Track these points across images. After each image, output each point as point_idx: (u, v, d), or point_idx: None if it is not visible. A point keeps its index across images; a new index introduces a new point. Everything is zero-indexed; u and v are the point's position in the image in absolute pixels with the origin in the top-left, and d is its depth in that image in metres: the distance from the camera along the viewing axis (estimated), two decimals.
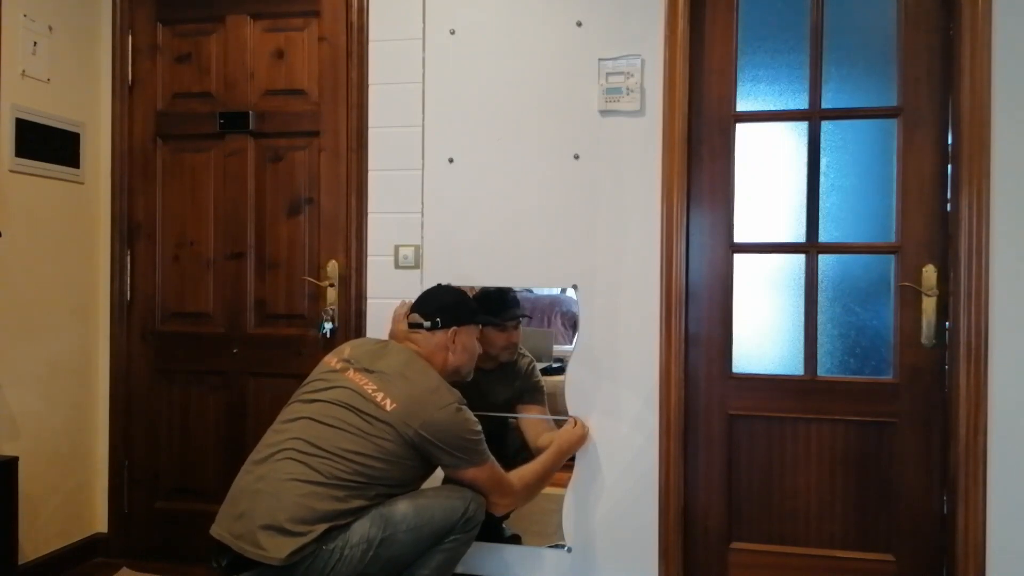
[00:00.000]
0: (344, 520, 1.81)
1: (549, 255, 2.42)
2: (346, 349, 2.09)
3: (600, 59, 2.37)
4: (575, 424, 2.35)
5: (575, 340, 2.41)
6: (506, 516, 2.51)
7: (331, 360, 2.06)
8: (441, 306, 2.13)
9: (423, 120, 2.50)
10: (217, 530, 1.86)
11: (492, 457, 2.03)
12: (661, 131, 2.34)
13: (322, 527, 1.76)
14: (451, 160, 2.48)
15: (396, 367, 1.99)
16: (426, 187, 2.50)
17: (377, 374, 1.96)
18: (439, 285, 2.30)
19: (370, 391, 1.93)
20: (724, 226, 2.39)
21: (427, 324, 2.10)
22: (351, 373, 1.98)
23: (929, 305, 2.25)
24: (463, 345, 2.13)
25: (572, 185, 2.40)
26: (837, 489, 2.33)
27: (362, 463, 1.85)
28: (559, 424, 2.42)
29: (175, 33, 2.73)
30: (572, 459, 2.39)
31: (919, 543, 2.28)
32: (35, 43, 2.50)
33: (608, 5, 2.37)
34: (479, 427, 1.99)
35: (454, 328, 2.11)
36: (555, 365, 2.51)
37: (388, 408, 1.90)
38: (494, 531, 2.48)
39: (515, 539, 2.47)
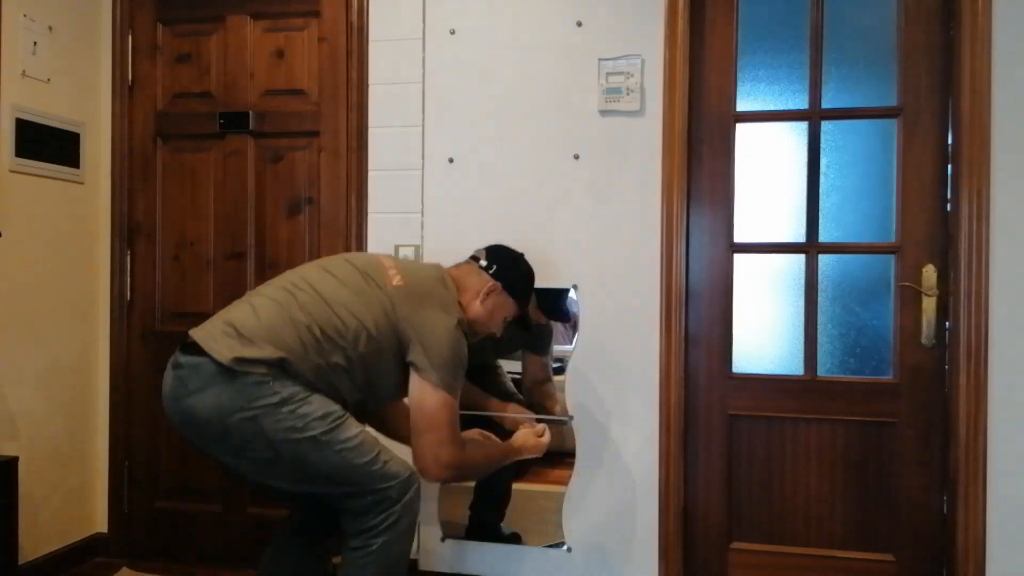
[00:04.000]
0: (298, 370, 1.71)
1: (549, 255, 2.42)
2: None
3: (600, 59, 2.37)
4: (541, 434, 2.13)
5: (575, 340, 2.41)
6: (502, 515, 2.51)
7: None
8: (505, 260, 2.05)
9: (423, 120, 2.50)
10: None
11: (457, 402, 1.84)
12: (661, 131, 2.34)
13: (279, 354, 1.69)
14: (451, 160, 2.48)
15: (422, 270, 1.97)
16: (426, 187, 2.50)
17: (403, 266, 1.93)
18: (518, 252, 2.14)
19: (388, 267, 1.90)
20: (724, 226, 2.39)
21: (483, 262, 2.02)
22: (382, 257, 1.97)
23: (929, 305, 2.25)
24: (493, 305, 2.00)
25: (572, 185, 2.40)
26: (837, 489, 2.33)
27: (343, 318, 1.77)
28: (554, 423, 2.42)
29: (175, 33, 2.73)
30: (573, 458, 2.40)
31: (919, 543, 2.28)
32: (35, 43, 2.50)
33: (608, 5, 2.37)
34: (464, 358, 1.87)
35: (498, 284, 2.00)
36: (555, 365, 2.51)
37: (394, 283, 1.85)
38: (492, 530, 2.48)
39: (515, 538, 2.47)
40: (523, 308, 2.10)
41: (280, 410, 1.68)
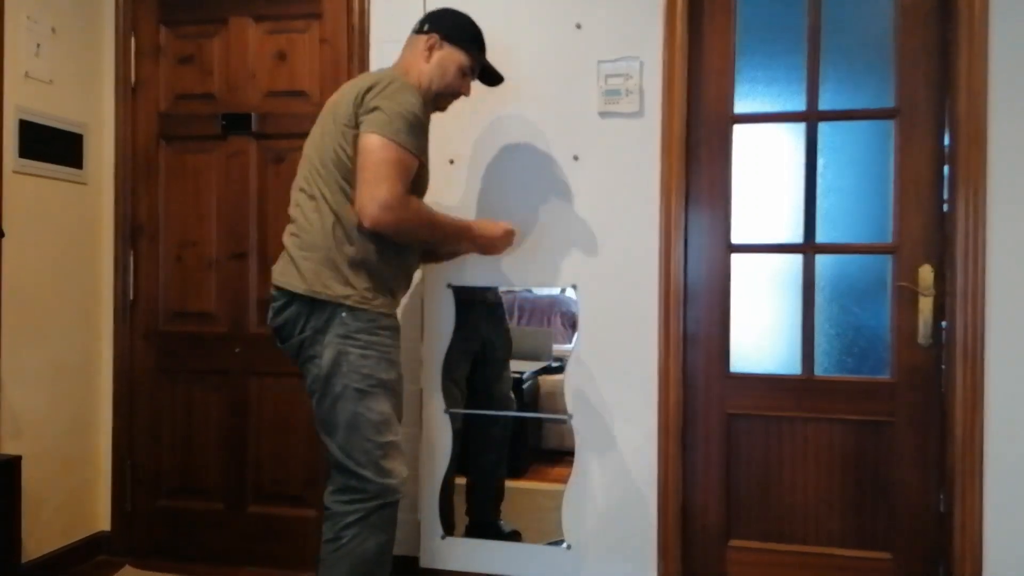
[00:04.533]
0: (354, 258, 1.82)
1: (549, 255, 2.43)
2: None
3: (599, 61, 2.39)
4: (505, 231, 2.12)
5: (575, 340, 2.43)
6: (498, 513, 2.52)
7: None
8: (435, 13, 2.03)
9: None
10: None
11: (403, 155, 1.76)
12: (660, 132, 2.35)
13: (338, 255, 1.81)
14: (451, 162, 2.49)
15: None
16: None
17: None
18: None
19: (329, 100, 1.94)
20: (722, 227, 2.41)
21: (416, 27, 2.00)
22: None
23: (926, 305, 2.27)
24: (439, 59, 1.96)
25: (571, 186, 2.42)
26: (835, 487, 2.34)
27: (329, 169, 1.83)
28: (558, 422, 2.43)
29: (178, 35, 2.75)
30: (572, 457, 2.41)
31: (916, 541, 2.29)
32: (38, 45, 2.51)
33: (607, 7, 2.39)
34: (413, 110, 1.79)
35: (436, 36, 1.96)
36: (555, 364, 2.53)
37: (331, 99, 1.90)
38: (492, 528, 2.49)
39: (515, 535, 2.48)
40: (475, 56, 2.02)
41: (342, 344, 1.79)
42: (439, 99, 2.02)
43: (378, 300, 1.86)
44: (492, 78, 2.13)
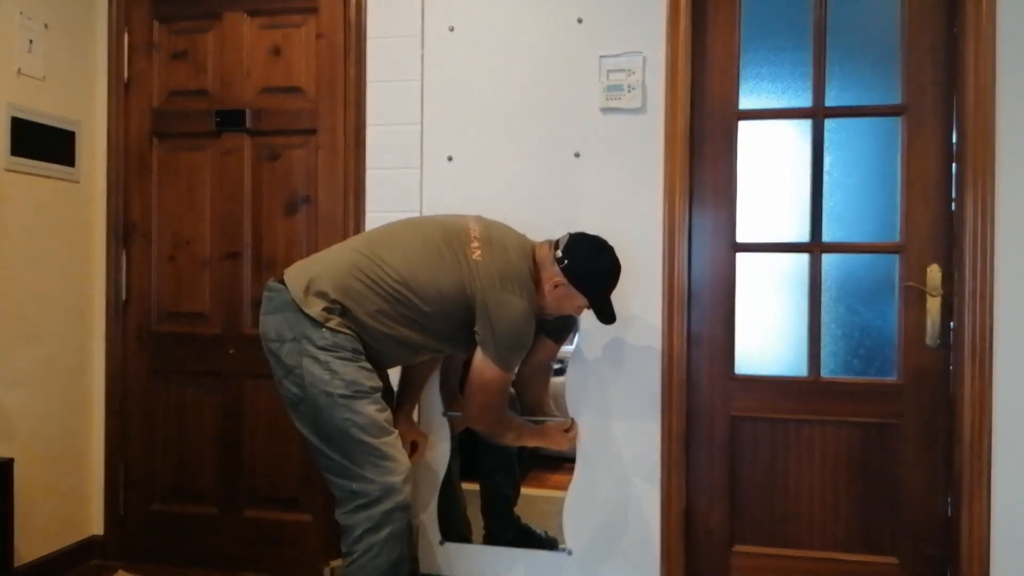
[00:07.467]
0: (356, 314, 1.88)
1: None
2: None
3: (601, 56, 2.35)
4: (568, 429, 2.33)
5: (576, 341, 2.39)
6: (513, 507, 2.49)
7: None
8: (580, 255, 2.01)
9: (422, 118, 2.48)
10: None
11: (511, 376, 2.02)
12: (663, 129, 2.32)
13: (339, 297, 1.87)
14: (450, 158, 2.46)
15: (507, 247, 2.00)
16: (425, 186, 2.48)
17: (486, 237, 2.00)
18: (604, 243, 2.08)
19: (472, 236, 1.97)
20: (727, 225, 2.38)
21: (559, 254, 2.01)
22: (470, 222, 2.04)
23: (933, 305, 2.24)
24: (560, 296, 2.02)
25: (573, 183, 2.38)
26: (840, 491, 2.31)
27: (416, 278, 1.90)
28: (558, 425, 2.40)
29: (171, 30, 2.71)
30: (574, 461, 2.38)
31: (923, 546, 2.27)
32: (31, 41, 2.48)
33: (609, 2, 2.36)
34: (527, 343, 1.98)
35: (566, 279, 2.00)
36: (556, 366, 2.49)
37: (474, 256, 1.94)
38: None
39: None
40: (597, 301, 2.06)
41: (320, 355, 1.83)
42: (542, 314, 2.09)
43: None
44: (606, 316, 2.08)
